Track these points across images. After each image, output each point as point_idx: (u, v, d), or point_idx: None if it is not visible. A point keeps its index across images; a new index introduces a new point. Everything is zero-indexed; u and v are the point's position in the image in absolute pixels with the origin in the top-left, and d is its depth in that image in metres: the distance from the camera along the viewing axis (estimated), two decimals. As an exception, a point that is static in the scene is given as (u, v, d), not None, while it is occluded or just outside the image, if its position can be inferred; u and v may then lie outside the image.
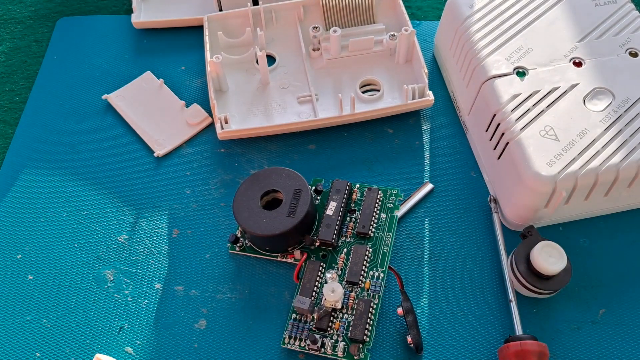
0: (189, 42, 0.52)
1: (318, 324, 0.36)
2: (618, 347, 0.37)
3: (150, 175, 0.45)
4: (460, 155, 0.45)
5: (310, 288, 0.37)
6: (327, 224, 0.39)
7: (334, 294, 0.36)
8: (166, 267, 0.41)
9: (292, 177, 0.40)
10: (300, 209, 0.38)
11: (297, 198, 0.39)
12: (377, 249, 0.39)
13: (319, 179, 0.42)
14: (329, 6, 0.50)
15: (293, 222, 0.38)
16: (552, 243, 0.37)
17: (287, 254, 0.40)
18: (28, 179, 0.45)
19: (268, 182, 0.40)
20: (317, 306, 0.37)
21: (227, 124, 0.45)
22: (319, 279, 0.38)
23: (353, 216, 0.40)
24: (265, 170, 0.40)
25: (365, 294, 0.37)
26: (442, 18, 0.48)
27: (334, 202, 0.40)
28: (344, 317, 0.36)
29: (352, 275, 0.37)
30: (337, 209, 0.39)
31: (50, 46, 0.53)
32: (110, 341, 0.38)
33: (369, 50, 0.49)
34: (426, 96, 0.45)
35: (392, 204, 0.40)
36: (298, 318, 0.37)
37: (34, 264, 0.41)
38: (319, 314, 0.36)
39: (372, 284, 0.37)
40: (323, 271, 0.38)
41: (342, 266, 0.38)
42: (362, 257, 0.38)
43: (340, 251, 0.39)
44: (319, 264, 0.38)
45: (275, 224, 0.38)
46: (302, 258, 0.39)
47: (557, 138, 0.37)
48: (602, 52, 0.41)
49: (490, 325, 0.38)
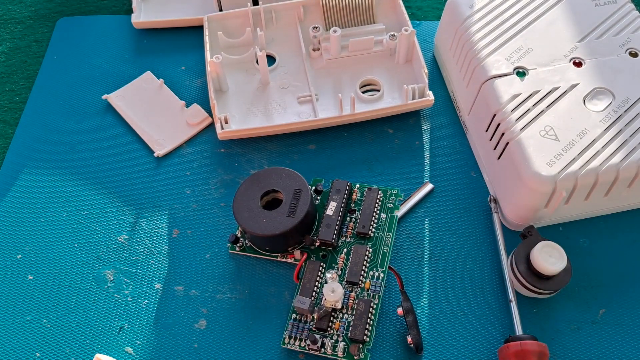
0: (189, 42, 0.52)
1: (318, 324, 0.36)
2: (618, 347, 0.37)
3: (150, 175, 0.45)
4: (460, 155, 0.45)
5: (310, 288, 0.37)
6: (327, 224, 0.39)
7: (334, 294, 0.36)
8: (166, 267, 0.41)
9: (292, 177, 0.40)
10: (300, 209, 0.38)
11: (297, 198, 0.39)
12: (377, 249, 0.39)
13: (319, 179, 0.42)
14: (329, 6, 0.50)
15: (293, 222, 0.38)
16: (552, 243, 0.37)
17: (287, 254, 0.40)
18: (28, 179, 0.45)
19: (268, 182, 0.40)
20: (317, 306, 0.37)
21: (227, 124, 0.45)
22: (319, 279, 0.38)
23: (353, 216, 0.40)
24: (265, 170, 0.40)
25: (366, 294, 0.37)
26: (442, 18, 0.48)
27: (334, 202, 0.40)
28: (344, 317, 0.36)
29: (352, 275, 0.37)
30: (337, 209, 0.39)
31: (50, 46, 0.53)
32: (110, 341, 0.38)
33: (369, 51, 0.49)
34: (426, 96, 0.45)
35: (392, 204, 0.40)
36: (298, 318, 0.37)
37: (34, 264, 0.41)
38: (319, 314, 0.36)
39: (372, 284, 0.37)
40: (323, 271, 0.38)
41: (342, 266, 0.38)
42: (362, 257, 0.38)
43: (340, 251, 0.39)
44: (319, 264, 0.38)
45: (276, 224, 0.38)
46: (302, 258, 0.39)
47: (557, 138, 0.37)
48: (602, 52, 0.41)
49: (490, 325, 0.38)
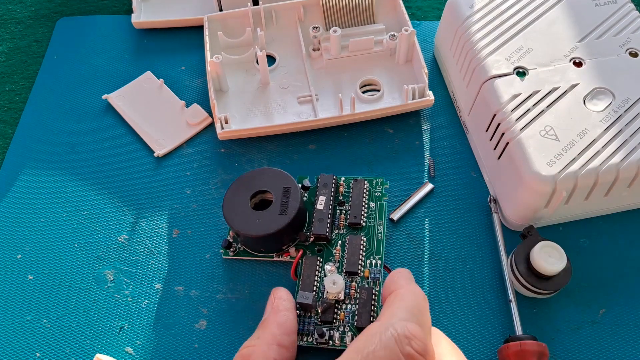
0: (189, 42, 0.52)
1: (323, 317, 0.36)
2: (618, 347, 0.37)
3: (150, 175, 0.45)
4: (460, 155, 0.45)
5: (310, 283, 0.37)
6: (319, 218, 0.39)
7: (335, 285, 0.36)
8: (166, 267, 0.41)
9: (279, 176, 0.40)
10: (291, 206, 0.38)
11: (287, 196, 0.39)
12: (370, 237, 0.39)
13: (304, 175, 0.42)
14: (329, 6, 0.50)
15: (286, 219, 0.38)
16: (552, 243, 0.37)
17: (282, 252, 0.40)
18: (28, 179, 0.45)
19: (255, 184, 0.40)
20: (319, 300, 0.37)
21: (227, 124, 0.45)
22: (318, 273, 0.38)
23: (343, 208, 0.41)
24: (249, 172, 0.40)
25: (366, 282, 0.37)
26: (442, 18, 0.48)
27: (323, 196, 0.40)
28: (348, 307, 0.37)
29: (351, 265, 0.38)
30: (327, 203, 0.40)
31: (50, 46, 0.53)
32: (110, 341, 0.38)
33: (369, 51, 0.49)
34: (426, 96, 0.45)
35: (379, 192, 0.41)
36: (302, 314, 0.37)
37: (34, 264, 0.41)
38: (322, 307, 0.36)
39: (371, 271, 0.38)
40: (321, 265, 0.38)
41: (339, 258, 0.39)
42: (358, 247, 0.38)
43: (335, 244, 0.39)
44: (316, 259, 0.38)
45: (269, 223, 0.38)
46: (298, 255, 0.39)
47: (557, 138, 0.37)
48: (602, 52, 0.41)
49: (490, 325, 0.38)
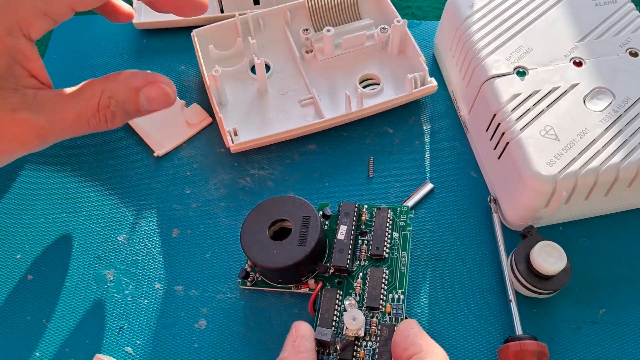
0: (189, 42, 0.52)
1: (342, 354, 0.34)
2: (618, 347, 0.37)
3: (150, 175, 0.45)
4: (460, 155, 0.45)
5: (329, 318, 0.35)
6: (339, 249, 0.37)
7: (355, 322, 0.34)
8: (166, 267, 0.41)
9: (299, 204, 0.38)
10: (311, 237, 0.36)
11: (306, 225, 0.37)
12: (393, 270, 0.37)
13: (325, 202, 0.41)
14: (315, 7, 0.49)
15: (305, 250, 0.36)
16: (552, 243, 0.37)
17: (301, 284, 0.38)
18: (28, 179, 0.45)
19: (274, 212, 0.38)
20: (338, 336, 0.35)
21: (237, 137, 0.44)
22: (337, 307, 0.36)
23: (365, 238, 0.39)
24: (269, 200, 0.38)
25: (387, 318, 0.35)
26: (442, 18, 0.48)
27: (344, 225, 0.38)
28: (368, 344, 0.34)
29: (372, 300, 0.36)
30: (348, 233, 0.38)
31: (50, 46, 0.53)
32: (110, 341, 0.38)
33: (361, 46, 0.49)
34: (428, 83, 0.45)
35: (403, 222, 0.39)
36: (320, 351, 0.35)
37: (34, 264, 0.41)
38: (341, 344, 0.34)
39: (392, 307, 0.36)
40: (341, 299, 0.37)
41: (359, 292, 0.37)
42: (380, 280, 0.36)
43: (356, 276, 0.37)
44: (336, 292, 0.36)
45: (287, 254, 0.36)
46: (317, 288, 0.37)
47: (557, 138, 0.37)
48: (602, 52, 0.41)
49: (490, 325, 0.38)
